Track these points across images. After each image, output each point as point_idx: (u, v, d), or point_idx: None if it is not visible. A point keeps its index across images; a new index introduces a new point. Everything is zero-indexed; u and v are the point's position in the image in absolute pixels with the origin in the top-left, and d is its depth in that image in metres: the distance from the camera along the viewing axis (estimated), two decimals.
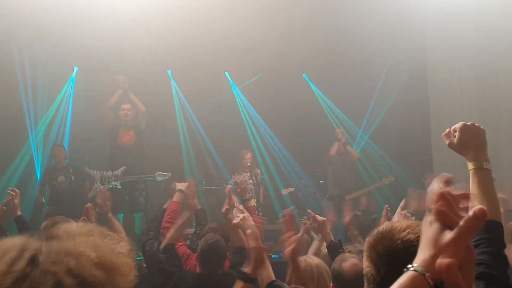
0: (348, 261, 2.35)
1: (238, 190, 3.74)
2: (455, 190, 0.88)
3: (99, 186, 6.65)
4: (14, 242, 0.83)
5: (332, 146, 7.92)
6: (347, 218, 4.24)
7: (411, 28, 7.76)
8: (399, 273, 0.84)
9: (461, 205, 0.87)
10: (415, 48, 8.04)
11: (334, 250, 2.95)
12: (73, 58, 7.71)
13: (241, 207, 2.80)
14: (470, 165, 1.68)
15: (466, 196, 0.88)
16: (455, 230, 0.83)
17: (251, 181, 7.00)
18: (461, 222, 0.82)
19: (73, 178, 6.87)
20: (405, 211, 2.74)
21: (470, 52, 7.60)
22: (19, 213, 3.82)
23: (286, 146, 8.85)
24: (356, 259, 2.39)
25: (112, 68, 7.74)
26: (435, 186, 0.89)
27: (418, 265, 0.84)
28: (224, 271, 3.16)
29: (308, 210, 3.32)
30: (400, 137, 8.62)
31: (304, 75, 9.01)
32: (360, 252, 3.20)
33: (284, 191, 7.73)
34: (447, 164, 6.83)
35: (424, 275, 0.82)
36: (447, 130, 1.76)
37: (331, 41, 8.20)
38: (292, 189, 7.79)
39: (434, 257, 0.83)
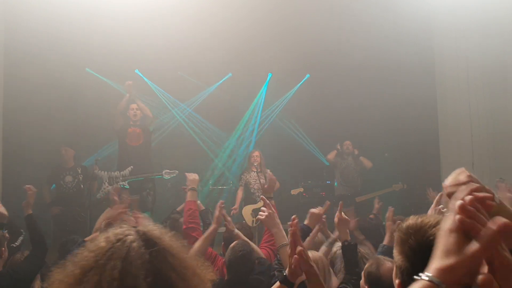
0: (385, 265, 2.31)
1: (266, 186, 3.52)
2: (479, 192, 0.89)
3: (107, 186, 6.64)
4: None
5: (331, 152, 7.90)
6: (352, 222, 4.19)
7: (418, 29, 7.71)
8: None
9: (484, 210, 0.87)
10: (422, 50, 7.97)
11: (349, 251, 2.88)
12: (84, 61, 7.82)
13: (264, 203, 2.48)
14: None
15: (489, 199, 0.89)
16: (479, 244, 0.83)
17: (262, 180, 6.88)
18: (485, 236, 0.83)
19: (81, 179, 6.86)
20: (440, 207, 2.65)
21: (478, 52, 7.53)
22: (30, 211, 3.61)
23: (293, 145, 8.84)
24: (391, 263, 2.31)
25: (121, 70, 7.82)
26: (458, 194, 0.89)
27: (433, 275, 0.83)
28: (253, 275, 3.09)
29: (340, 202, 3.19)
30: (407, 140, 8.49)
31: (307, 75, 9.02)
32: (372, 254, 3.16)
33: (294, 191, 7.68)
34: (455, 166, 6.77)
35: (439, 286, 0.82)
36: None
37: (337, 42, 8.19)
38: (301, 189, 7.73)
39: (453, 268, 0.83)
